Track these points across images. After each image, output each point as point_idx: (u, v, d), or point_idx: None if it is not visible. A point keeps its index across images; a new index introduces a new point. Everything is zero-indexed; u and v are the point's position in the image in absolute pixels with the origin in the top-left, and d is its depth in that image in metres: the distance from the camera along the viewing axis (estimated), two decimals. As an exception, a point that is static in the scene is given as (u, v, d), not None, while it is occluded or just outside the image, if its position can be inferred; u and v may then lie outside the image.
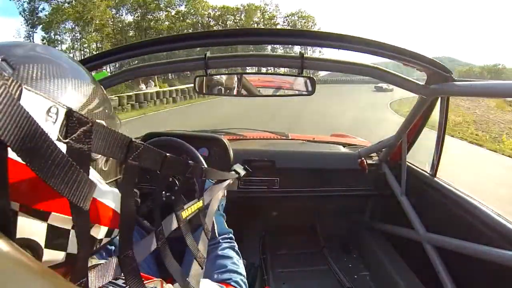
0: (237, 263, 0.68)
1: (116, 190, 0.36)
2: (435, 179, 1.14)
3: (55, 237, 0.28)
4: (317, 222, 1.76)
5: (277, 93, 1.23)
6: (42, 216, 0.27)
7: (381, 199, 1.49)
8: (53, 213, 0.27)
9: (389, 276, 1.27)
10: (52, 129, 0.21)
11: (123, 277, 0.33)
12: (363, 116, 9.34)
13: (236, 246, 0.76)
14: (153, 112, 11.39)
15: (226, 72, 1.07)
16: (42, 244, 0.27)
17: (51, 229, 0.27)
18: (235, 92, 1.11)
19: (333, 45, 0.84)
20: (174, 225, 0.46)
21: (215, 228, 0.74)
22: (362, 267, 1.50)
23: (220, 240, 0.73)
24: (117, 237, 0.33)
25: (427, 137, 1.26)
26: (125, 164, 0.30)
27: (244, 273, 0.67)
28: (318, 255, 1.59)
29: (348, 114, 9.90)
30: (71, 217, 0.28)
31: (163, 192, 0.96)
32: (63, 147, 0.21)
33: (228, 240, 0.75)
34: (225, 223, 0.80)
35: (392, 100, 15.74)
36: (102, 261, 0.35)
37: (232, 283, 0.61)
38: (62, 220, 0.28)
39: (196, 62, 0.91)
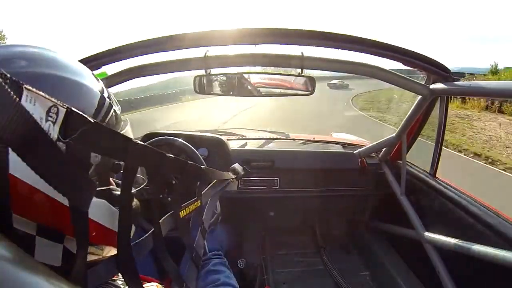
0: (230, 276, 0.69)
1: (103, 201, 0.33)
2: (435, 179, 1.14)
3: (16, 241, 0.26)
4: (317, 222, 1.76)
5: (277, 93, 1.23)
6: None
7: (381, 199, 1.49)
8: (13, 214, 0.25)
9: (389, 276, 1.27)
10: (52, 129, 0.21)
11: (121, 278, 0.33)
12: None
13: (226, 262, 0.77)
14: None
15: (226, 72, 1.06)
16: None
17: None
18: (235, 92, 1.11)
19: (333, 45, 0.84)
20: (172, 224, 0.46)
21: (206, 245, 0.75)
22: (362, 267, 1.50)
23: (211, 256, 0.75)
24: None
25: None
26: (124, 164, 0.29)
27: (237, 285, 0.68)
28: (318, 255, 1.59)
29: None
30: (31, 221, 0.26)
31: (162, 192, 0.96)
32: (63, 147, 0.21)
33: (219, 256, 0.77)
34: (215, 241, 0.82)
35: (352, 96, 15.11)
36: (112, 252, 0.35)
37: None
38: (22, 222, 0.26)
39: (196, 62, 0.91)
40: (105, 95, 0.36)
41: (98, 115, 0.33)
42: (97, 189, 0.34)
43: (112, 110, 0.36)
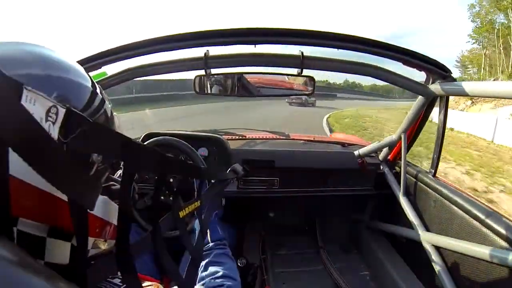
0: (231, 269, 0.67)
1: (104, 197, 0.35)
2: (435, 179, 1.14)
3: (28, 244, 0.26)
4: (317, 222, 1.76)
5: (277, 93, 1.23)
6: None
7: (381, 199, 1.49)
8: (20, 218, 0.26)
9: (389, 276, 1.27)
10: (52, 129, 0.21)
11: (120, 276, 0.33)
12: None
13: (230, 252, 0.75)
14: None
15: (226, 71, 1.06)
16: None
17: (22, 235, 0.26)
18: (235, 92, 1.11)
19: (333, 44, 0.84)
20: (171, 224, 0.46)
21: (209, 234, 0.73)
22: (362, 267, 1.50)
23: (213, 246, 0.73)
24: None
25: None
26: (124, 163, 0.29)
27: (238, 278, 0.66)
28: (318, 255, 1.59)
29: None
30: (43, 224, 0.27)
31: (162, 192, 0.96)
32: (63, 147, 0.21)
33: (222, 246, 0.75)
34: (219, 229, 0.80)
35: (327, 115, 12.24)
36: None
37: None
38: (34, 226, 0.27)
39: (196, 62, 0.91)
40: (97, 90, 0.36)
41: (88, 109, 0.33)
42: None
43: (105, 106, 0.37)
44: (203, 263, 0.67)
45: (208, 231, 0.72)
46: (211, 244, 0.73)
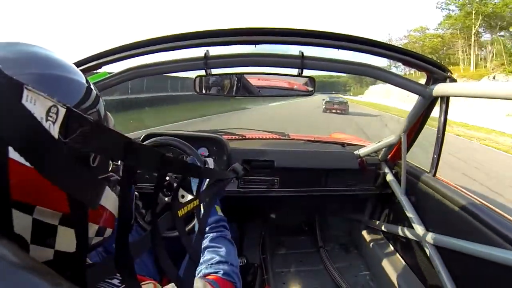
0: (228, 253, 0.64)
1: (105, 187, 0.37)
2: (435, 178, 1.14)
3: (42, 233, 0.27)
4: (317, 222, 1.76)
5: (277, 94, 1.23)
6: (27, 209, 0.26)
7: (381, 199, 1.50)
8: (38, 206, 0.27)
9: (389, 276, 1.27)
10: (52, 128, 0.21)
11: (119, 276, 0.33)
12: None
13: (229, 234, 0.72)
14: None
15: (227, 72, 1.06)
16: (28, 239, 0.26)
17: (37, 224, 0.27)
18: (235, 92, 1.11)
19: (333, 44, 0.84)
20: (170, 223, 0.46)
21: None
22: (362, 267, 1.51)
23: (208, 231, 0.70)
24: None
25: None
26: (124, 164, 0.29)
27: (235, 262, 0.64)
28: (317, 254, 1.59)
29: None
30: (57, 212, 0.28)
31: (163, 191, 0.97)
32: (63, 147, 0.21)
33: (220, 229, 0.71)
34: (217, 211, 0.77)
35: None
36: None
37: (220, 275, 0.58)
38: (48, 214, 0.28)
39: (196, 62, 0.91)
40: (91, 86, 0.37)
41: (83, 105, 0.34)
42: (100, 177, 0.36)
43: (99, 103, 0.37)
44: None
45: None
46: (206, 228, 0.70)
